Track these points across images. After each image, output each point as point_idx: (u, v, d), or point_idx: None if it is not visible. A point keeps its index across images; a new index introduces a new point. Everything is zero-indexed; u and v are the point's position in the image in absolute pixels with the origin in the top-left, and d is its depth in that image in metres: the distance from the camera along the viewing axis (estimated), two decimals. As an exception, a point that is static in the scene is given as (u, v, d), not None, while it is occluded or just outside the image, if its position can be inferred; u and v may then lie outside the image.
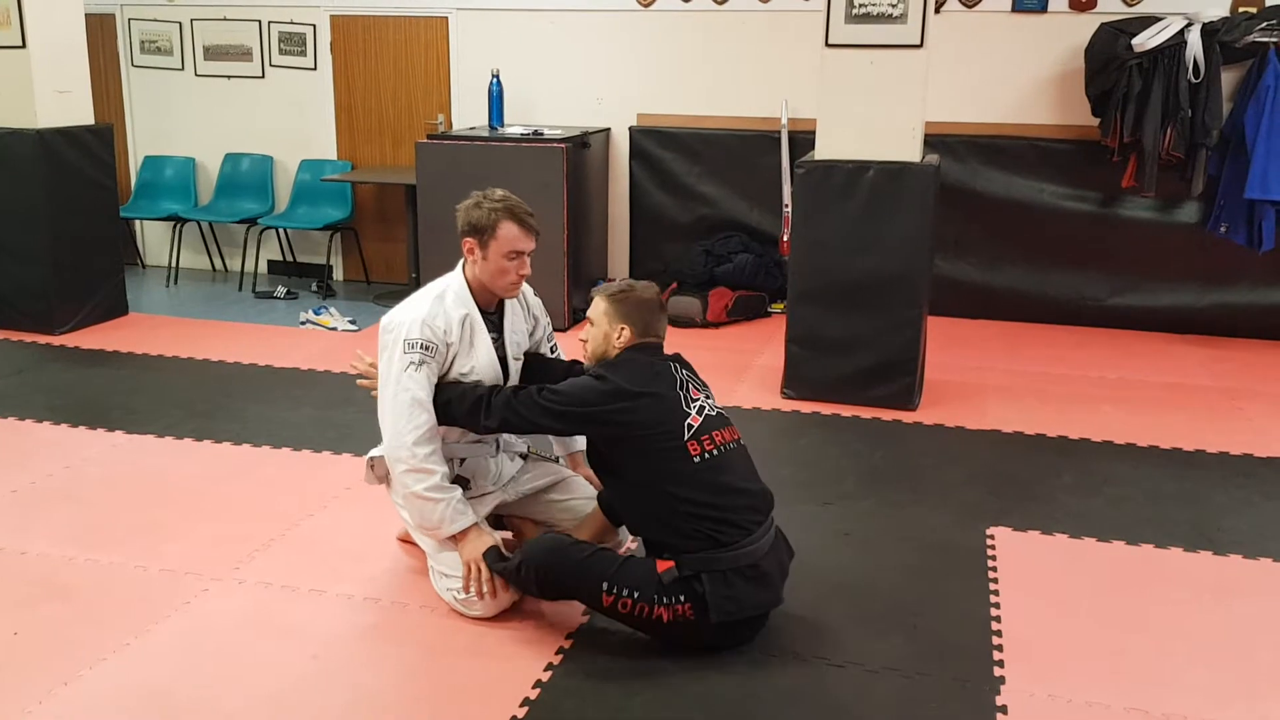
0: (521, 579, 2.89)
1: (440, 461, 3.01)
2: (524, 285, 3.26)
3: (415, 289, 3.22)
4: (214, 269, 7.74)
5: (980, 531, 3.62)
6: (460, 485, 3.10)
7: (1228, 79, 5.72)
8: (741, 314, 6.36)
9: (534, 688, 2.70)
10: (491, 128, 6.45)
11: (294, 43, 7.24)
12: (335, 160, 7.31)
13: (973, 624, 3.03)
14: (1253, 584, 3.32)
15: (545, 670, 2.78)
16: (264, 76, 7.36)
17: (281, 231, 7.39)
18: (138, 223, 7.76)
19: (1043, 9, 6.05)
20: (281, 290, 6.96)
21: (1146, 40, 5.57)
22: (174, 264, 7.49)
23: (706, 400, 2.94)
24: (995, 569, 3.36)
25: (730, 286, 6.39)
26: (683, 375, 2.94)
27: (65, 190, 5.86)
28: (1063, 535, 3.61)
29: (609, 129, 6.75)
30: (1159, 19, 5.65)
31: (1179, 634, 3.01)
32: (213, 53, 7.42)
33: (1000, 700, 2.68)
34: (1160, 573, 3.38)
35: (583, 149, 6.23)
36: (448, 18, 6.95)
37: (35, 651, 2.84)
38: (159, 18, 7.47)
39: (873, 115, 4.63)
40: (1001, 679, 2.77)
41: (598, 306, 3.01)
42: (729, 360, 5.52)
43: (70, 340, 5.80)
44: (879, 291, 4.72)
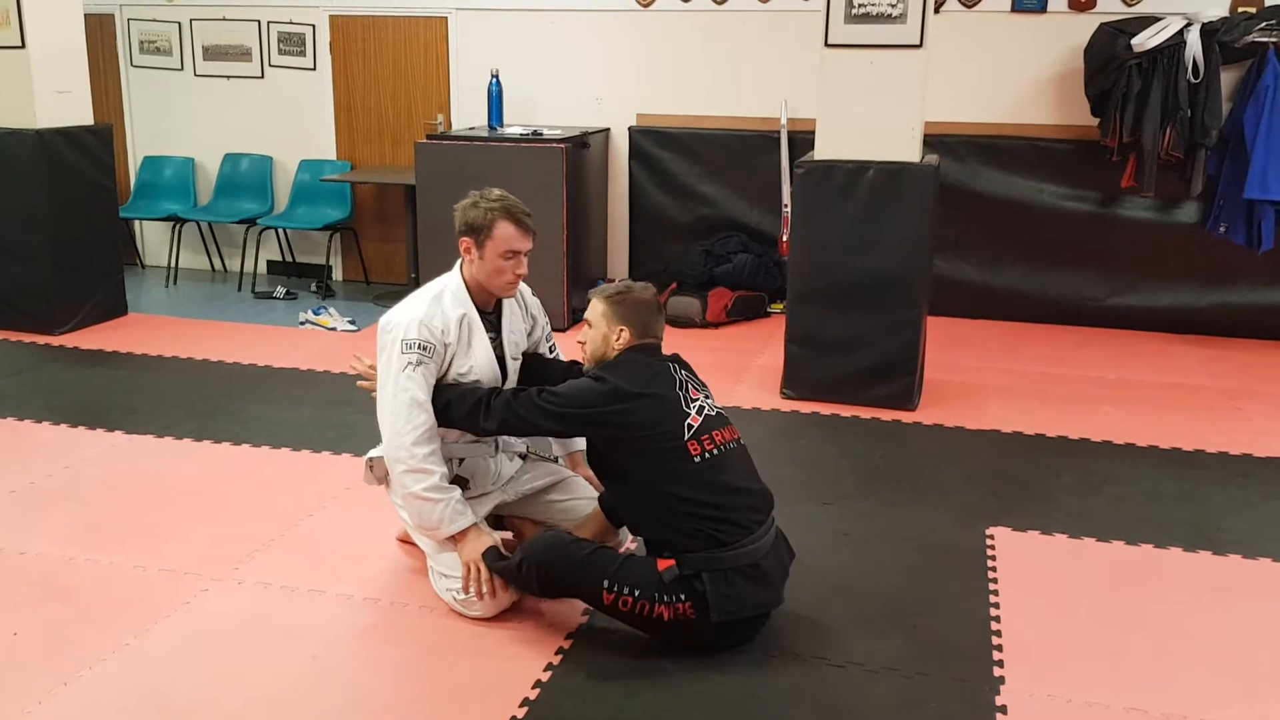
0: (522, 576, 2.89)
1: (439, 462, 3.01)
2: (522, 285, 3.26)
3: (415, 289, 3.21)
4: (213, 269, 7.74)
5: (980, 531, 3.62)
6: (459, 485, 3.10)
7: (1227, 79, 5.73)
8: (741, 314, 6.36)
9: (534, 688, 2.70)
10: (491, 128, 6.45)
11: (293, 43, 7.24)
12: (334, 160, 7.31)
13: (972, 624, 3.03)
14: (1252, 584, 3.32)
15: (545, 670, 2.78)
16: (263, 77, 7.36)
17: (281, 232, 7.39)
18: (137, 223, 7.76)
19: (1042, 9, 6.06)
20: (281, 290, 6.96)
21: (1146, 40, 5.57)
22: (173, 264, 7.49)
23: (706, 400, 2.94)
24: (995, 569, 3.36)
25: (730, 286, 6.39)
26: (682, 376, 2.94)
27: (65, 190, 5.86)
28: (1062, 535, 3.61)
29: (608, 129, 6.75)
30: (1158, 19, 5.65)
31: (1178, 634, 3.02)
32: (212, 53, 7.42)
33: (1000, 700, 2.68)
34: (1160, 572, 3.38)
35: (582, 149, 6.23)
36: (447, 18, 6.95)
37: (35, 651, 2.84)
38: (158, 18, 7.48)
39: (872, 115, 4.63)
40: (1001, 679, 2.77)
41: (595, 308, 3.01)
42: (728, 360, 5.52)
43: (70, 340, 5.80)
44: (879, 291, 4.72)
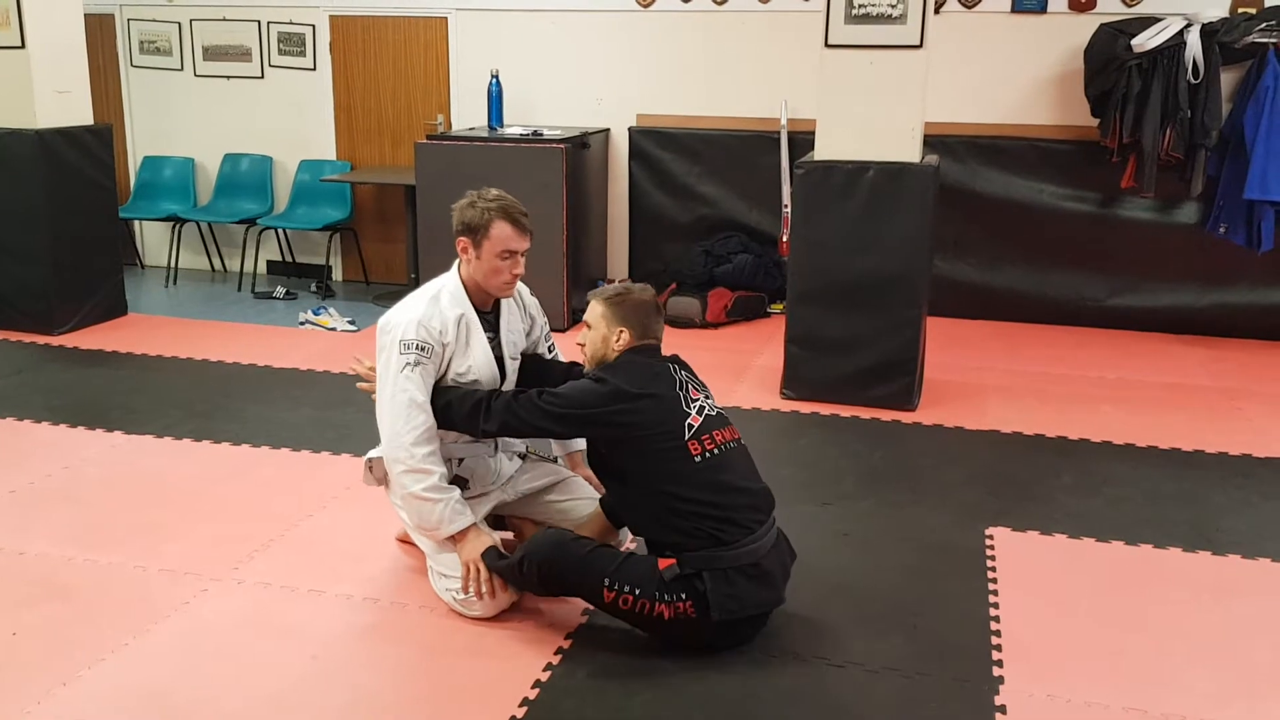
0: (523, 574, 2.89)
1: (439, 462, 3.01)
2: (520, 285, 3.26)
3: (415, 289, 3.21)
4: (213, 269, 7.74)
5: (979, 532, 3.62)
6: (459, 485, 3.10)
7: (1227, 80, 5.73)
8: (741, 314, 6.36)
9: (533, 688, 2.70)
10: (491, 128, 6.45)
11: (293, 43, 7.24)
12: (334, 161, 7.31)
13: (972, 624, 3.03)
14: (1251, 584, 3.32)
15: (545, 670, 2.78)
16: (263, 77, 7.36)
17: (281, 232, 7.39)
18: (137, 223, 7.76)
19: (1042, 9, 6.06)
20: (281, 290, 6.96)
21: (1146, 41, 5.57)
22: (173, 264, 7.49)
23: (706, 400, 2.94)
24: (994, 569, 3.36)
25: (730, 287, 6.39)
26: (682, 376, 2.94)
27: (64, 190, 5.86)
28: (1062, 535, 3.61)
29: (608, 129, 6.75)
30: (1158, 20, 5.65)
31: (1178, 634, 3.02)
32: (212, 53, 7.42)
33: (999, 700, 2.68)
34: (1159, 573, 3.38)
35: (582, 149, 6.23)
36: (447, 18, 6.95)
37: (34, 651, 2.84)
38: (158, 18, 7.48)
39: (872, 115, 4.63)
40: (1000, 679, 2.77)
41: (595, 310, 3.01)
42: (728, 361, 5.52)
43: (69, 340, 5.80)
44: (878, 292, 4.72)
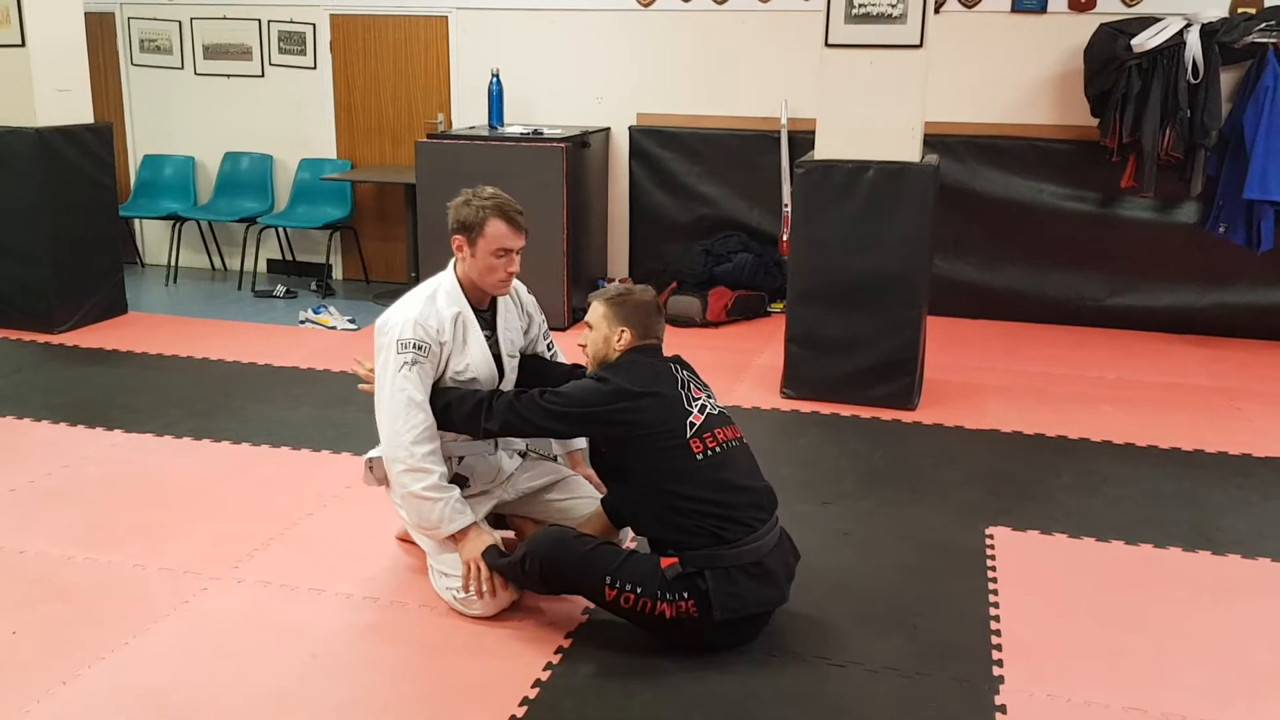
0: (524, 572, 2.89)
1: (439, 461, 3.01)
2: (517, 283, 3.27)
3: (414, 288, 3.21)
4: (213, 268, 7.74)
5: (979, 531, 3.62)
6: (459, 484, 3.10)
7: (1226, 80, 5.73)
8: (741, 314, 6.36)
9: (533, 687, 2.70)
10: (491, 127, 6.45)
11: (294, 42, 7.24)
12: (335, 159, 7.30)
13: (972, 624, 3.03)
14: (1251, 584, 3.32)
15: (545, 669, 2.78)
16: (264, 75, 7.36)
17: (281, 230, 7.38)
18: (137, 222, 7.76)
19: (1042, 9, 6.06)
20: (281, 289, 6.96)
21: (1146, 41, 5.58)
22: (173, 263, 7.48)
23: (708, 399, 2.94)
24: (994, 569, 3.36)
25: (730, 286, 6.39)
26: (683, 375, 2.95)
27: (65, 189, 5.86)
28: (1062, 535, 3.62)
29: (609, 129, 6.75)
30: (1158, 19, 5.65)
31: (1178, 634, 3.02)
32: (212, 52, 7.42)
33: (999, 700, 2.68)
34: (1159, 572, 3.38)
35: (582, 149, 6.23)
36: (447, 17, 6.95)
37: (34, 651, 2.84)
38: (158, 16, 7.47)
39: (872, 115, 4.63)
40: (1001, 678, 2.77)
41: (596, 310, 3.02)
42: (728, 360, 5.52)
43: (69, 339, 5.80)
44: (878, 291, 4.72)
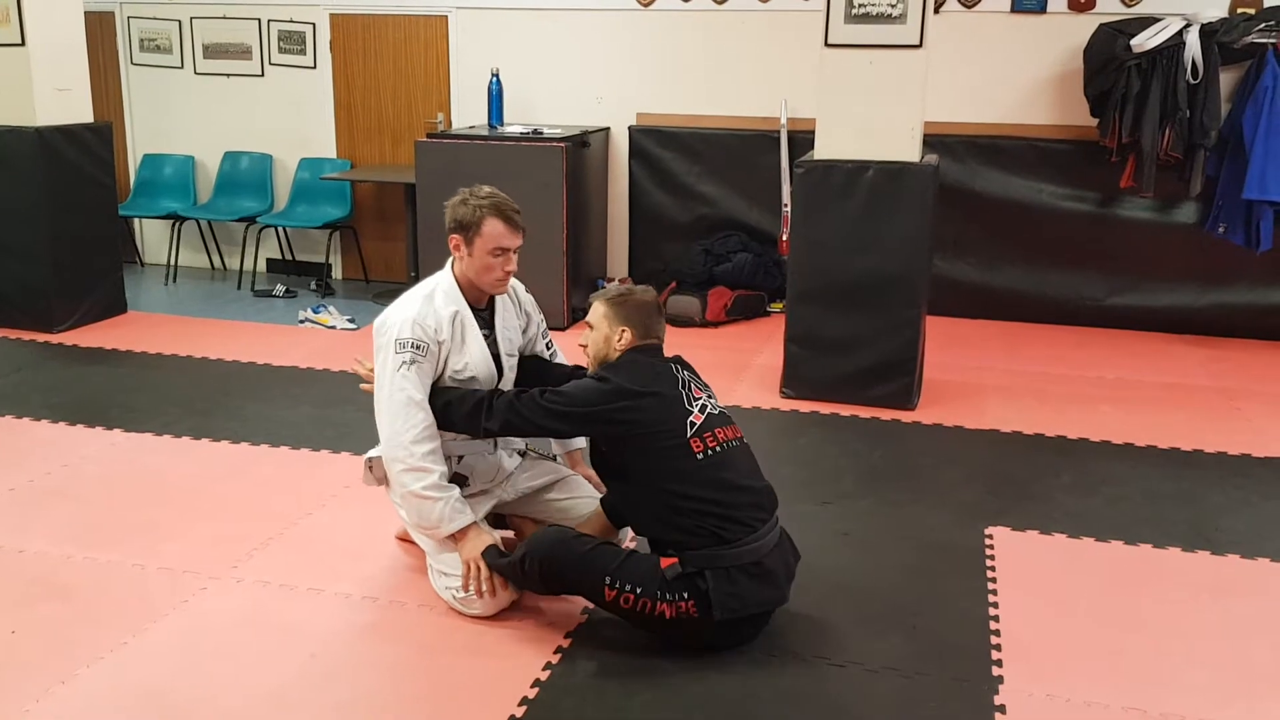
0: (524, 572, 2.89)
1: (439, 460, 3.01)
2: (515, 282, 3.27)
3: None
4: (213, 267, 7.73)
5: (979, 531, 3.62)
6: (458, 483, 3.10)
7: (1226, 80, 5.73)
8: (740, 313, 6.36)
9: (533, 686, 2.70)
10: (491, 127, 6.45)
11: (293, 41, 7.24)
12: (334, 159, 7.30)
13: (971, 623, 3.03)
14: (1250, 584, 3.32)
15: (544, 669, 2.78)
16: (263, 75, 7.36)
17: (280, 230, 7.38)
18: (137, 221, 7.75)
19: (1041, 9, 6.06)
20: (280, 289, 6.96)
21: (1145, 41, 5.58)
22: (173, 262, 7.48)
23: (709, 399, 2.94)
24: (994, 568, 3.36)
25: (729, 286, 6.39)
26: (684, 375, 2.95)
27: (64, 188, 5.86)
28: (1061, 535, 3.62)
29: (609, 128, 6.75)
30: (1158, 20, 5.65)
31: (1177, 633, 3.02)
32: (212, 51, 7.42)
33: (999, 700, 2.68)
34: (1158, 572, 3.38)
35: (582, 148, 6.23)
36: (447, 16, 6.94)
37: (33, 650, 2.83)
38: (158, 16, 7.47)
39: (872, 115, 4.63)
40: (1000, 678, 2.77)
41: (597, 310, 3.02)
42: (728, 360, 5.52)
43: (69, 338, 5.80)
44: (878, 291, 4.72)
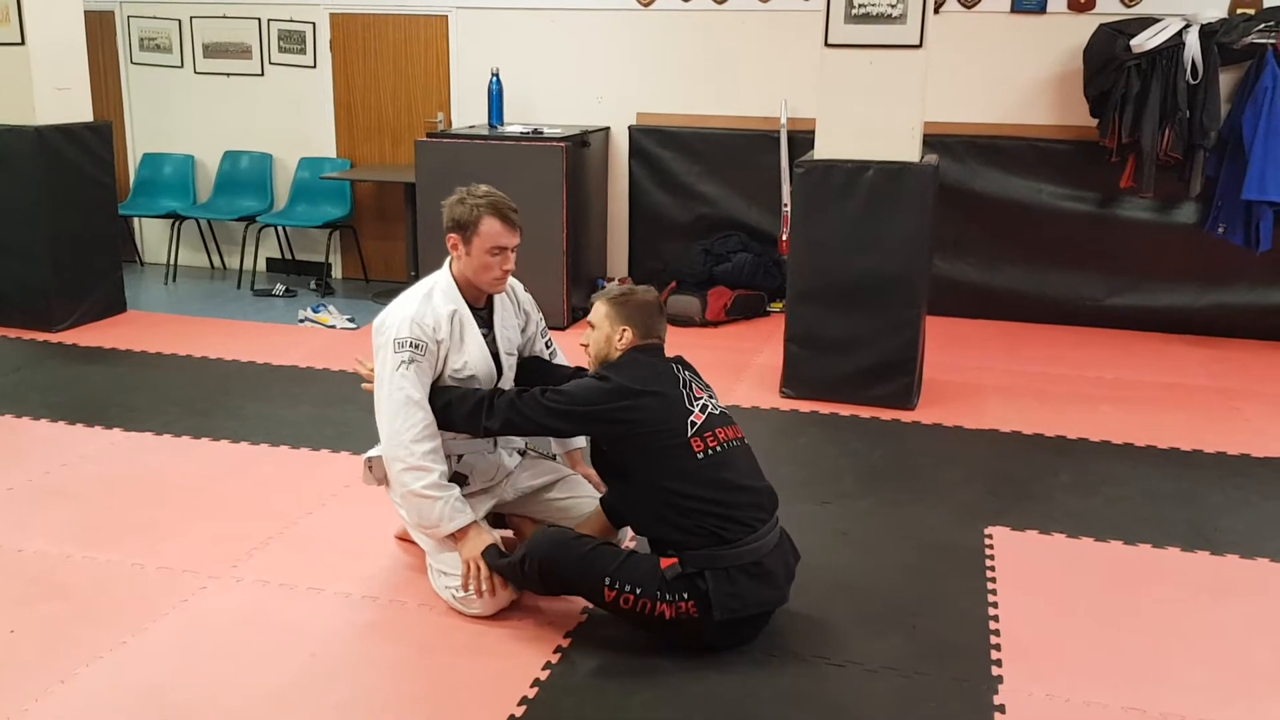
0: (524, 573, 2.89)
1: (439, 459, 3.01)
2: (514, 281, 3.27)
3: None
4: (212, 266, 7.73)
5: (978, 531, 3.62)
6: (458, 482, 3.10)
7: (1226, 80, 5.73)
8: (740, 313, 6.36)
9: (532, 686, 2.70)
10: (491, 126, 6.45)
11: (293, 40, 7.24)
12: (334, 158, 7.30)
13: (971, 623, 3.03)
14: (1250, 584, 3.32)
15: (544, 669, 2.78)
16: (263, 74, 7.36)
17: (280, 229, 7.38)
18: (136, 220, 7.75)
19: (1041, 10, 6.06)
20: (280, 288, 6.96)
21: (1145, 41, 5.58)
22: (172, 261, 7.48)
23: (710, 399, 2.94)
24: (993, 568, 3.36)
25: (729, 286, 6.39)
26: (685, 375, 2.95)
27: (64, 187, 5.86)
28: (1060, 535, 3.62)
29: (609, 128, 6.75)
30: (1157, 20, 5.65)
31: (1176, 633, 3.02)
32: (212, 50, 7.42)
33: (998, 699, 2.68)
34: (1157, 572, 3.38)
35: (582, 148, 6.23)
36: (447, 16, 6.94)
37: (32, 649, 2.83)
38: (158, 15, 7.47)
39: (872, 115, 4.63)
40: (999, 678, 2.77)
41: (599, 310, 3.03)
42: (728, 359, 5.52)
43: (68, 337, 5.80)
44: (878, 291, 4.73)
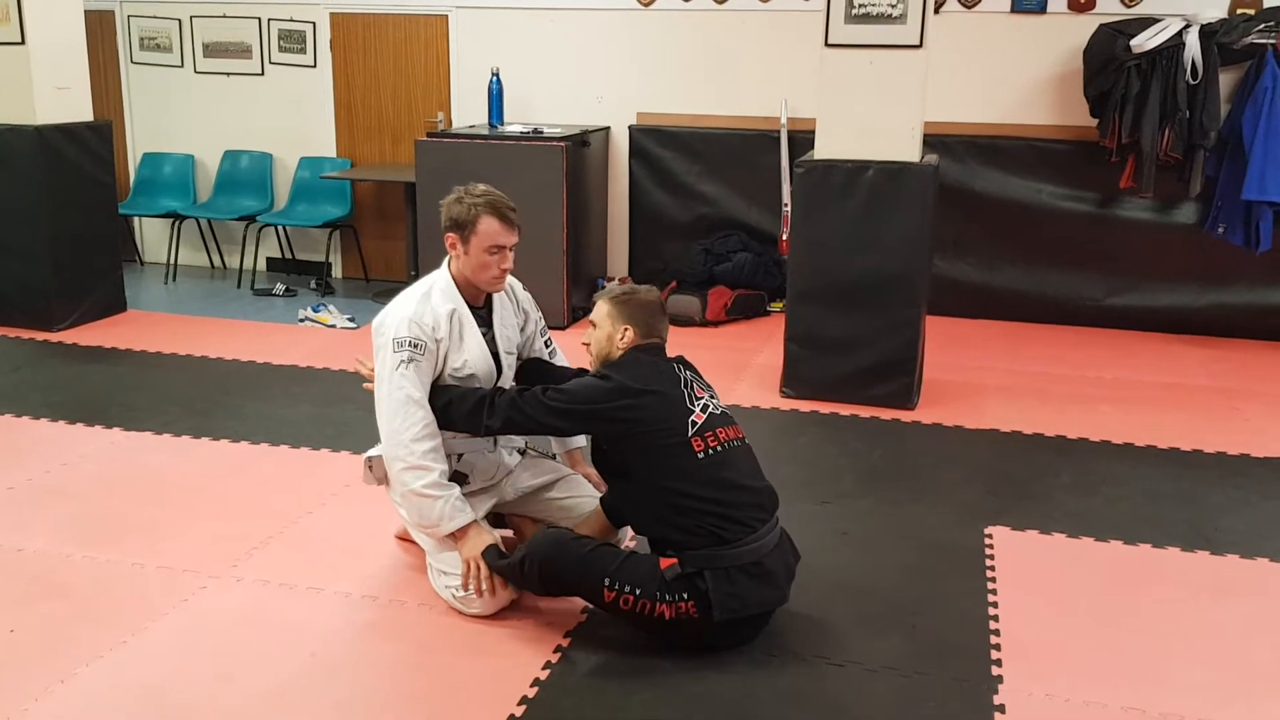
0: (524, 574, 2.89)
1: (439, 458, 3.00)
2: (513, 280, 3.27)
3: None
4: (213, 266, 7.73)
5: (978, 531, 3.62)
6: (458, 481, 3.10)
7: (1225, 80, 5.73)
8: (740, 313, 6.36)
9: (532, 686, 2.70)
10: (491, 126, 6.45)
11: (294, 40, 7.24)
12: (334, 158, 7.30)
13: (971, 623, 3.03)
14: (1249, 583, 3.32)
15: (544, 669, 2.78)
16: (263, 74, 7.36)
17: (280, 229, 7.38)
18: (136, 220, 7.75)
19: (1041, 10, 6.06)
20: (280, 287, 6.96)
21: (1145, 41, 5.58)
22: (173, 261, 7.48)
23: (711, 399, 2.95)
24: (993, 568, 3.36)
25: (729, 285, 6.39)
26: (687, 375, 2.95)
27: (64, 187, 5.86)
28: (1061, 534, 3.62)
29: (609, 128, 6.75)
30: (1157, 20, 5.65)
31: (1176, 633, 3.02)
32: (212, 50, 7.42)
33: (998, 699, 2.68)
34: (1157, 572, 3.38)
35: (582, 148, 6.23)
36: (448, 15, 6.94)
37: (32, 649, 2.83)
38: (158, 14, 7.47)
39: (872, 115, 4.63)
40: (999, 678, 2.77)
41: (600, 309, 3.03)
42: (728, 359, 5.52)
43: (68, 337, 5.79)
44: (878, 291, 4.73)
